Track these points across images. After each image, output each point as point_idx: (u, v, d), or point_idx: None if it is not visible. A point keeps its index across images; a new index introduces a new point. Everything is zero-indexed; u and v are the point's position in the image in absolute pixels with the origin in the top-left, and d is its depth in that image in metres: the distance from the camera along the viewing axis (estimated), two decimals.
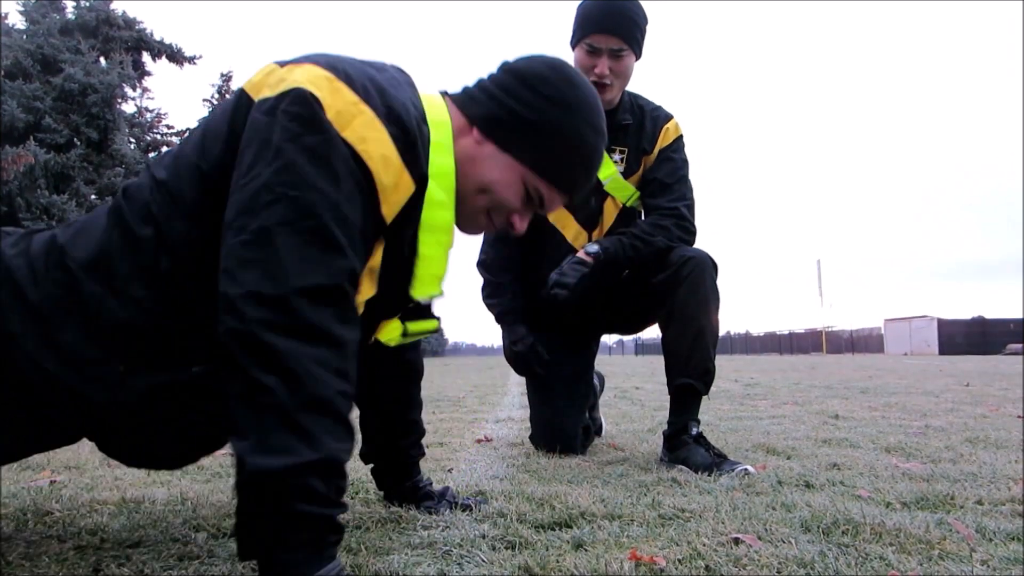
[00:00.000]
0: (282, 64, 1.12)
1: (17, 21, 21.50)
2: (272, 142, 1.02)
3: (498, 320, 2.61)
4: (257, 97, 1.08)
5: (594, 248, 2.31)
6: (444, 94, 1.28)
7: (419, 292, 1.22)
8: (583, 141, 1.23)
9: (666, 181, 2.40)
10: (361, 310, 1.14)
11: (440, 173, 1.17)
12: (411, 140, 1.10)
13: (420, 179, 1.13)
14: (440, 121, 1.19)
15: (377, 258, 1.15)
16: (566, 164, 1.24)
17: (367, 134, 1.05)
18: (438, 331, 1.43)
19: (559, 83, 1.22)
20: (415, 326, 1.35)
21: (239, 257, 0.98)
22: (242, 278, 0.96)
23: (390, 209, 1.10)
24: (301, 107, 1.03)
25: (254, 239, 0.98)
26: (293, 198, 0.99)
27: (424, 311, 1.38)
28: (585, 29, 2.25)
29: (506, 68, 1.26)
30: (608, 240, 2.34)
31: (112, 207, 1.15)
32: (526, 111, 1.20)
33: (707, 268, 2.25)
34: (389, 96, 1.10)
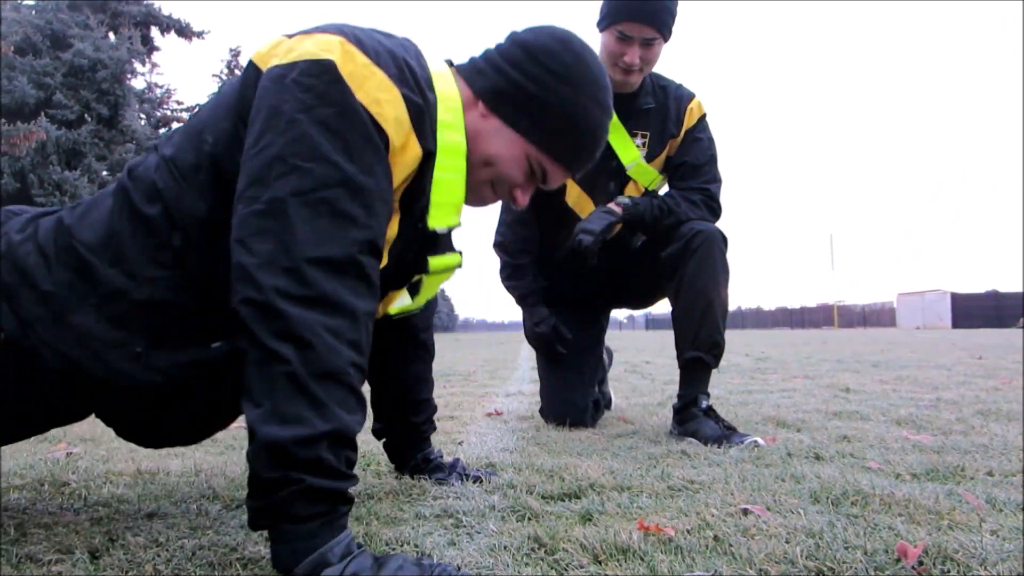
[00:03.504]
0: (291, 36, 1.11)
1: None
2: (284, 112, 1.01)
3: (519, 302, 2.62)
4: (266, 67, 1.07)
5: (625, 200, 2.31)
6: (450, 65, 1.27)
7: (436, 221, 1.19)
8: (588, 118, 1.21)
9: (696, 163, 2.38)
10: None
11: (451, 150, 1.16)
12: (419, 108, 1.09)
13: (427, 151, 1.12)
14: (449, 95, 1.17)
15: (393, 229, 1.14)
16: (570, 141, 1.22)
17: (380, 96, 1.04)
18: (461, 266, 1.37)
19: (567, 58, 1.19)
20: (437, 261, 1.30)
21: (252, 227, 0.97)
22: (256, 248, 0.96)
23: (398, 172, 1.09)
24: (314, 78, 1.02)
25: (267, 209, 0.97)
26: (306, 170, 0.98)
27: (444, 245, 1.34)
28: (617, 15, 2.18)
29: (514, 40, 1.23)
30: (638, 198, 2.34)
31: (117, 187, 1.14)
32: (532, 86, 1.18)
33: (716, 242, 2.24)
34: (399, 60, 1.09)
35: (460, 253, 1.37)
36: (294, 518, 0.92)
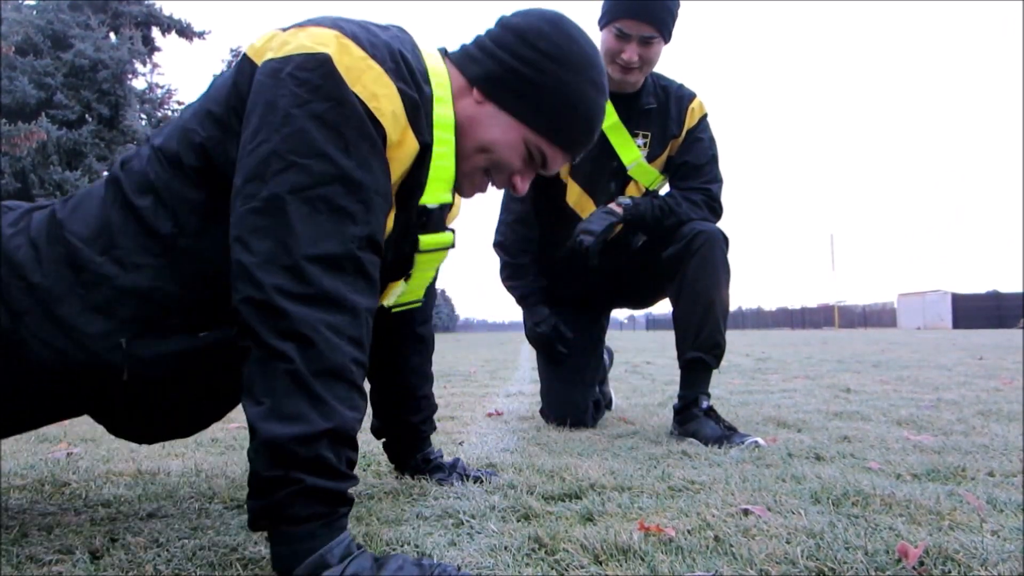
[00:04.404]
0: (285, 29, 1.11)
1: None
2: (279, 107, 1.01)
3: (519, 302, 2.62)
4: (260, 61, 1.07)
5: (626, 200, 2.32)
6: (443, 53, 1.27)
7: (428, 198, 1.20)
8: (585, 98, 1.20)
9: (697, 163, 2.38)
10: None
11: (441, 123, 1.17)
12: (415, 102, 1.09)
13: (423, 143, 1.13)
14: (441, 81, 1.18)
15: (389, 223, 1.14)
16: (567, 122, 1.21)
17: (377, 90, 1.04)
18: (454, 246, 1.36)
19: (559, 39, 1.18)
20: (428, 239, 1.31)
21: (251, 225, 0.98)
22: (256, 247, 0.96)
23: (396, 167, 1.10)
24: (309, 72, 1.02)
25: (264, 207, 0.98)
26: (303, 166, 0.98)
27: (437, 224, 1.34)
28: (616, 12, 2.19)
29: (504, 24, 1.23)
30: (639, 198, 2.35)
31: (110, 178, 1.14)
32: (526, 69, 1.17)
33: (718, 242, 2.24)
34: (395, 53, 1.09)
35: (453, 232, 1.37)
36: (293, 519, 0.92)
